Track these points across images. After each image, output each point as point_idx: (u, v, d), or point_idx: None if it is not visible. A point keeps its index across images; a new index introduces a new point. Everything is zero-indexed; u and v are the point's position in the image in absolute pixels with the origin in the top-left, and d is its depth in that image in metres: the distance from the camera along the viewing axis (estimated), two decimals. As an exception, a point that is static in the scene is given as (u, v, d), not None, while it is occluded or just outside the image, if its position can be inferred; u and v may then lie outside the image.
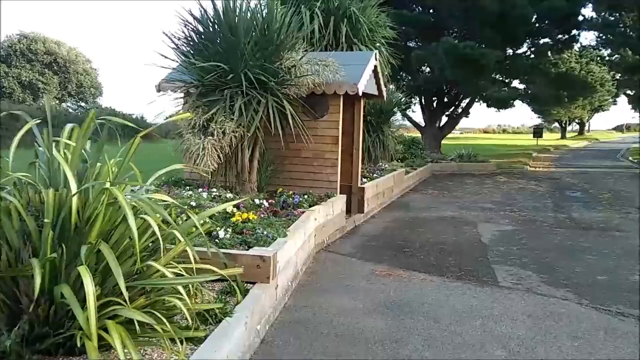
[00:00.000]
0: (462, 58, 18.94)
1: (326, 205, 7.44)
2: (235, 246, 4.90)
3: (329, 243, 7.43)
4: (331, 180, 8.20)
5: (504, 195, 12.84)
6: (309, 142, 7.89)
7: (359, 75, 7.90)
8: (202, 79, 7.20)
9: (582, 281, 6.00)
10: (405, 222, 9.26)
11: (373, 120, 14.55)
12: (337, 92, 7.88)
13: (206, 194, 6.94)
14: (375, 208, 10.15)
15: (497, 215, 10.04)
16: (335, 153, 8.16)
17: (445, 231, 8.53)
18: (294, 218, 6.26)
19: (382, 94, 9.30)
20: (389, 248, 7.38)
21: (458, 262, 6.67)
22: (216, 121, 6.87)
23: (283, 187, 8.14)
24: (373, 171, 11.64)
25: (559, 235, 8.38)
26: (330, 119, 8.15)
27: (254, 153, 7.73)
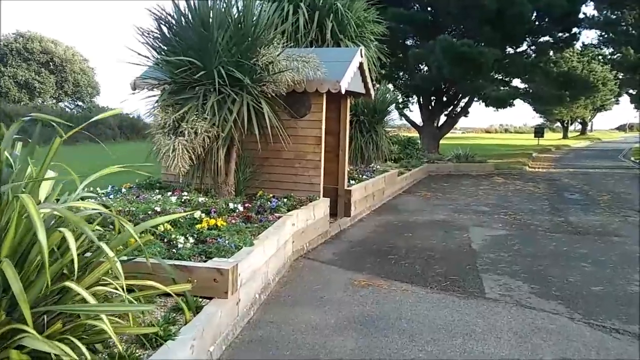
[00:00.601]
0: (460, 56, 18.51)
1: (307, 209, 7.03)
2: (194, 257, 4.50)
3: (310, 249, 7.03)
4: (313, 183, 7.80)
5: (499, 198, 12.42)
6: (288, 142, 7.48)
7: (343, 73, 7.49)
8: (174, 75, 6.81)
9: (575, 292, 5.58)
10: (393, 226, 8.85)
11: (366, 119, 14.18)
12: (319, 90, 7.48)
13: (175, 198, 6.53)
14: (364, 211, 9.74)
15: (490, 219, 9.63)
16: (318, 154, 7.75)
17: (435, 236, 8.12)
18: (268, 224, 5.86)
19: (369, 92, 8.89)
20: (372, 255, 6.97)
21: (444, 271, 6.26)
22: (187, 120, 6.47)
23: (263, 190, 7.74)
24: (363, 172, 11.23)
25: (553, 241, 7.96)
26: (312, 118, 7.75)
27: (231, 154, 7.32)
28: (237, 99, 6.72)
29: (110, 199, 6.56)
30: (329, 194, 8.71)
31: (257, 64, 6.81)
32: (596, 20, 25.63)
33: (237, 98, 6.72)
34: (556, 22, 21.79)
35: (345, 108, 8.80)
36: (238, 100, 6.72)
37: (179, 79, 6.81)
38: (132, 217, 5.48)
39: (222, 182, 7.30)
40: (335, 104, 8.78)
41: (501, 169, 19.23)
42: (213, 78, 6.52)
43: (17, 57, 38.29)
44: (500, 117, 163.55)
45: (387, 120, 15.25)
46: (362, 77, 8.56)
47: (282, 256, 5.93)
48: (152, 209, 5.67)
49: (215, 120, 6.63)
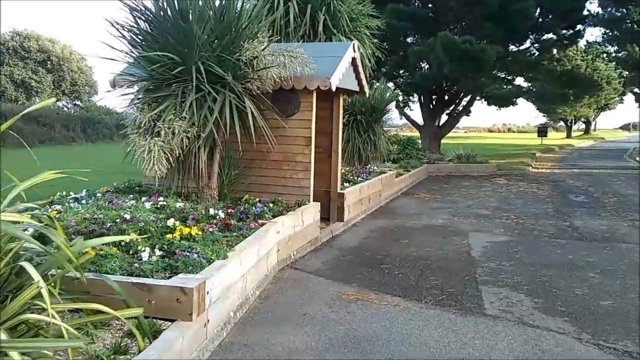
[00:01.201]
0: (461, 54, 18.00)
1: (294, 215, 6.56)
2: (158, 272, 4.03)
3: (297, 258, 6.56)
4: (303, 186, 7.33)
5: (501, 200, 11.93)
6: (275, 143, 7.02)
7: (333, 68, 7.02)
8: (152, 72, 6.35)
9: (583, 307, 5.11)
10: (389, 232, 8.37)
11: (363, 119, 13.73)
12: (308, 88, 7.01)
13: (150, 203, 6.07)
14: (358, 215, 9.27)
15: (491, 224, 9.14)
16: (308, 156, 7.28)
17: (432, 243, 7.64)
18: (248, 233, 5.39)
19: (363, 90, 8.41)
20: (364, 264, 6.50)
21: (441, 283, 5.79)
22: (164, 120, 6.00)
23: (250, 193, 7.28)
24: (359, 174, 10.76)
25: (558, 248, 7.48)
26: (301, 117, 7.28)
27: (214, 156, 6.86)
28: (219, 96, 6.26)
29: (82, 205, 6.11)
30: (321, 198, 8.25)
31: (241, 59, 6.35)
32: (600, 17, 25.12)
33: (219, 96, 6.26)
34: (560, 19, 21.29)
35: (338, 106, 8.34)
36: (219, 98, 6.25)
37: (157, 76, 6.36)
38: (98, 225, 5.02)
39: (205, 185, 6.84)
40: (327, 102, 8.32)
41: (503, 170, 18.73)
42: (193, 74, 6.06)
43: (13, 56, 37.87)
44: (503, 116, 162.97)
45: (386, 120, 14.81)
46: (355, 74, 8.09)
47: (264, 267, 5.47)
48: (121, 216, 5.21)
49: (195, 120, 6.17)
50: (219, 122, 6.29)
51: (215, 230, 5.41)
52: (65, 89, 41.00)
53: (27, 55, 38.52)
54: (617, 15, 25.22)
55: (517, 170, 19.08)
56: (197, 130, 6.25)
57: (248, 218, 6.07)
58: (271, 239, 5.71)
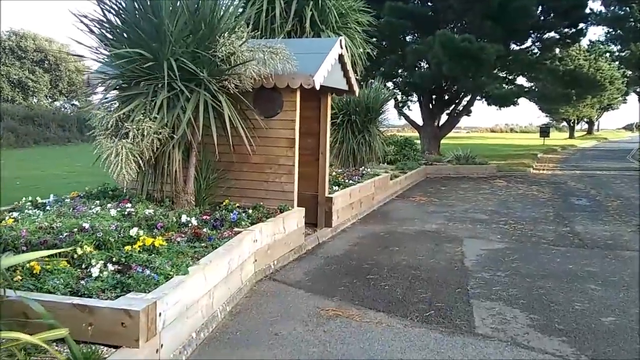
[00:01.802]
0: (460, 52, 17.56)
1: (274, 222, 6.14)
2: (106, 291, 3.61)
3: (277, 268, 6.14)
4: (286, 191, 6.91)
5: (500, 204, 11.49)
6: (254, 145, 6.60)
7: (317, 66, 6.60)
8: (122, 69, 5.95)
9: (582, 325, 4.68)
10: (379, 238, 7.94)
11: (358, 119, 13.32)
12: (291, 86, 6.59)
13: (116, 210, 5.65)
14: (348, 220, 8.84)
15: (488, 229, 8.71)
16: (291, 158, 6.86)
17: (424, 250, 7.22)
18: (218, 243, 4.97)
19: (352, 88, 7.98)
20: (349, 274, 6.08)
21: (429, 296, 5.37)
22: (133, 120, 5.59)
23: (230, 198, 6.87)
24: (351, 176, 10.33)
25: (558, 256, 7.05)
26: (284, 117, 6.86)
27: (189, 159, 6.45)
28: (193, 95, 5.84)
29: (44, 212, 5.69)
30: (308, 202, 7.85)
31: (217, 55, 5.92)
32: (603, 16, 24.67)
33: (192, 95, 5.84)
34: (562, 17, 20.85)
35: (325, 106, 7.92)
36: (193, 97, 5.84)
37: (128, 73, 5.95)
38: (52, 235, 4.60)
39: (180, 190, 6.43)
40: (314, 101, 7.91)
41: (503, 171, 18.28)
42: (164, 71, 5.64)
43: (10, 56, 37.49)
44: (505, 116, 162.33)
45: (382, 120, 14.38)
46: (343, 71, 7.66)
47: (237, 280, 5.05)
48: (80, 225, 4.79)
49: (167, 120, 5.76)
50: (194, 123, 5.88)
51: (184, 240, 5.00)
52: (62, 89, 40.61)
53: (24, 55, 38.14)
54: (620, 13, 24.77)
55: (518, 171, 18.63)
56: (170, 131, 5.84)
57: (223, 226, 5.65)
58: (246, 249, 5.30)
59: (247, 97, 6.74)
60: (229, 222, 5.81)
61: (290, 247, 6.57)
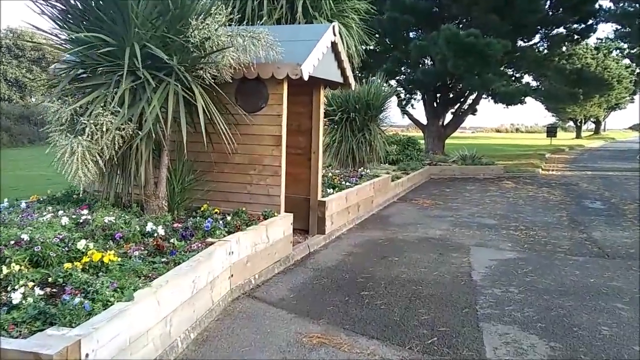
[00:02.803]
0: (465, 48, 16.78)
1: (255, 230, 5.40)
2: (24, 324, 2.87)
3: (259, 284, 5.39)
4: (272, 195, 6.16)
5: (509, 207, 10.71)
6: (236, 142, 5.88)
7: (306, 54, 5.85)
8: (82, 57, 5.22)
9: (613, 356, 3.92)
10: (377, 247, 7.19)
11: (358, 117, 12.58)
12: (276, 76, 5.84)
13: (69, 219, 4.91)
14: (344, 225, 8.09)
15: (497, 236, 7.94)
16: (277, 158, 6.12)
17: (427, 261, 6.46)
18: (182, 258, 4.23)
19: (348, 81, 7.24)
20: (341, 290, 5.33)
21: (432, 318, 4.62)
22: (90, 114, 4.85)
23: (209, 203, 6.13)
24: (349, 177, 9.57)
25: (576, 267, 6.29)
26: (270, 112, 6.12)
27: (161, 158, 5.71)
28: (161, 86, 5.10)
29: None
30: (299, 207, 7.12)
31: (190, 40, 5.18)
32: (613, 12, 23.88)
33: (160, 85, 5.11)
34: (571, 12, 20.08)
35: (318, 100, 7.18)
36: (162, 88, 5.10)
37: (89, 62, 5.22)
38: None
39: (151, 194, 5.69)
40: (305, 95, 7.17)
41: (511, 172, 17.47)
42: (125, 58, 4.91)
43: (7, 54, 36.84)
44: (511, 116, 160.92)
45: (383, 118, 13.63)
46: (337, 62, 6.91)
47: (206, 300, 4.31)
48: (18, 236, 4.05)
49: (132, 115, 5.03)
50: (162, 118, 5.14)
51: (144, 253, 4.26)
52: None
53: (22, 53, 37.49)
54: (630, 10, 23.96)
55: (526, 172, 17.82)
56: (135, 127, 5.11)
57: (193, 236, 4.91)
58: (218, 263, 4.55)
59: (228, 90, 6.02)
60: (201, 231, 5.07)
61: (275, 258, 5.82)
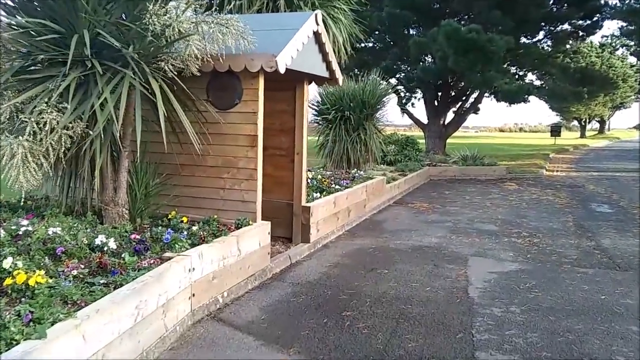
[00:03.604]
0: (466, 44, 16.15)
1: (224, 242, 4.79)
2: None
3: (228, 302, 4.79)
4: (247, 201, 5.55)
5: (511, 211, 10.09)
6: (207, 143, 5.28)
7: (283, 44, 5.24)
8: (27, 46, 4.63)
9: (634, 397, 3.30)
10: (366, 257, 6.57)
11: (353, 115, 11.99)
12: (249, 69, 5.23)
13: (4, 231, 4.30)
14: (332, 232, 7.48)
15: (498, 244, 7.32)
16: (253, 160, 5.51)
17: (419, 274, 5.84)
18: (125, 278, 3.62)
19: (334, 76, 6.63)
20: (320, 310, 4.72)
21: (420, 345, 4.00)
22: (32, 111, 4.26)
23: (179, 209, 5.53)
24: (340, 180, 8.96)
25: (585, 281, 5.66)
26: (244, 109, 5.51)
27: (120, 160, 5.11)
28: (115, 79, 4.50)
29: None
30: (281, 213, 6.54)
31: (148, 28, 4.58)
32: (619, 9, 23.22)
33: (115, 78, 4.50)
34: (576, 7, 19.40)
35: (301, 97, 6.57)
36: (115, 81, 4.50)
37: (35, 52, 4.62)
38: None
39: (110, 200, 5.09)
40: (288, 91, 6.58)
41: (514, 173, 16.84)
42: (79, 46, 4.32)
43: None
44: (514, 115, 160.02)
45: (380, 116, 13.04)
46: (322, 54, 6.30)
47: (156, 328, 3.70)
48: None
49: (83, 111, 4.43)
50: (119, 115, 4.53)
51: (84, 272, 3.66)
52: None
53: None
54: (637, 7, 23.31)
55: (530, 173, 17.17)
56: (86, 125, 4.51)
57: (148, 250, 4.30)
58: (174, 283, 3.95)
59: (199, 84, 5.45)
60: (160, 244, 4.47)
61: (249, 272, 5.21)
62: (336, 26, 8.08)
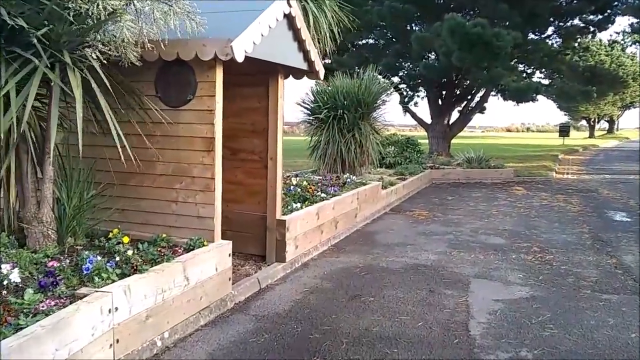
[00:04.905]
0: (471, 39, 15.17)
1: (163, 272, 3.86)
2: None
3: (170, 345, 3.87)
4: (202, 216, 4.64)
5: (520, 220, 9.13)
6: (154, 146, 4.37)
7: (242, 27, 4.31)
8: None
9: None
10: (351, 279, 5.64)
11: (347, 115, 11.06)
12: (200, 57, 4.31)
13: None
14: (315, 248, 6.56)
15: (505, 262, 6.38)
16: (210, 168, 4.59)
17: (411, 303, 4.91)
18: (9, 330, 2.71)
19: (314, 68, 5.70)
20: (285, 354, 3.80)
21: (404, 412, 3.07)
22: None
23: (125, 226, 4.64)
24: (327, 187, 8.01)
25: (609, 313, 4.71)
26: (199, 106, 4.59)
27: (44, 169, 4.20)
28: (24, 69, 3.60)
29: None
30: (254, 227, 5.67)
31: (69, 7, 3.67)
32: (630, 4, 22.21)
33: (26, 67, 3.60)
34: (587, 1, 18.39)
35: (275, 92, 5.65)
36: (24, 71, 3.59)
37: None
38: None
39: (32, 217, 4.19)
40: (260, 86, 5.68)
41: (523, 176, 15.84)
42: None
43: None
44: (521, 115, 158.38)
45: (378, 116, 12.10)
46: (297, 42, 5.38)
47: (51, 394, 2.79)
48: None
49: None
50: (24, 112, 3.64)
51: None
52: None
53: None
54: (649, 3, 22.30)
55: (539, 176, 16.18)
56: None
57: (57, 285, 3.39)
58: (84, 330, 3.04)
59: (147, 77, 4.54)
60: (78, 275, 3.56)
61: (202, 304, 4.29)
62: (320, 12, 7.15)
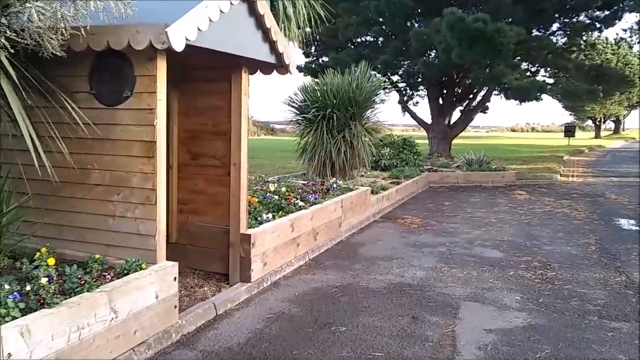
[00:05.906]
0: (472, 34, 14.45)
1: (79, 305, 3.19)
2: None
3: (87, 393, 3.19)
4: (143, 234, 3.96)
5: (520, 229, 8.42)
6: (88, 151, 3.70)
7: (183, 12, 3.63)
8: None
9: None
10: (324, 302, 4.95)
11: (337, 114, 10.40)
12: (133, 46, 3.63)
13: None
14: (290, 263, 5.88)
15: (501, 280, 5.68)
16: (150, 177, 3.91)
17: (388, 334, 4.22)
18: None
19: (282, 61, 5.01)
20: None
21: None
22: None
23: (58, 242, 3.98)
24: (309, 194, 7.31)
25: (619, 346, 4.02)
26: (138, 105, 3.91)
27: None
28: None
29: None
30: (217, 241, 5.04)
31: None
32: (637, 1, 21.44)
33: None
34: (594, -5, 17.67)
35: (238, 89, 4.97)
36: None
37: None
38: None
39: None
40: (223, 82, 5.01)
41: (526, 179, 15.10)
42: None
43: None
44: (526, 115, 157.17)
45: (371, 115, 11.46)
46: (262, 31, 4.69)
47: None
48: None
49: None
50: None
51: None
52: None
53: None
54: (656, -1, 21.55)
55: (542, 179, 15.41)
56: None
57: None
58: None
59: (80, 71, 3.87)
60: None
61: (137, 340, 3.62)
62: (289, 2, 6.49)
